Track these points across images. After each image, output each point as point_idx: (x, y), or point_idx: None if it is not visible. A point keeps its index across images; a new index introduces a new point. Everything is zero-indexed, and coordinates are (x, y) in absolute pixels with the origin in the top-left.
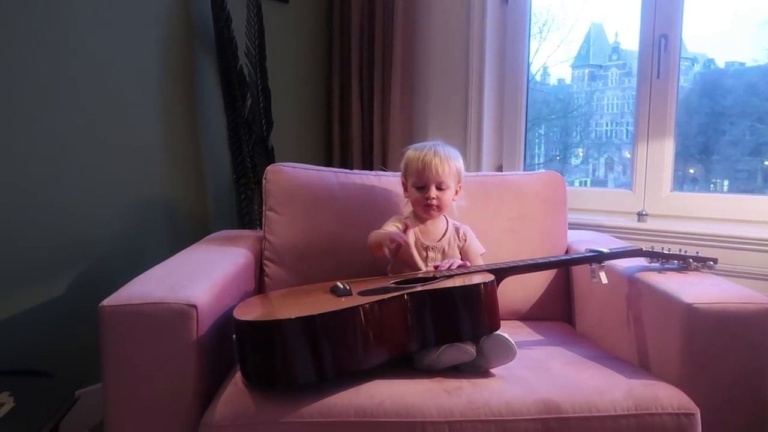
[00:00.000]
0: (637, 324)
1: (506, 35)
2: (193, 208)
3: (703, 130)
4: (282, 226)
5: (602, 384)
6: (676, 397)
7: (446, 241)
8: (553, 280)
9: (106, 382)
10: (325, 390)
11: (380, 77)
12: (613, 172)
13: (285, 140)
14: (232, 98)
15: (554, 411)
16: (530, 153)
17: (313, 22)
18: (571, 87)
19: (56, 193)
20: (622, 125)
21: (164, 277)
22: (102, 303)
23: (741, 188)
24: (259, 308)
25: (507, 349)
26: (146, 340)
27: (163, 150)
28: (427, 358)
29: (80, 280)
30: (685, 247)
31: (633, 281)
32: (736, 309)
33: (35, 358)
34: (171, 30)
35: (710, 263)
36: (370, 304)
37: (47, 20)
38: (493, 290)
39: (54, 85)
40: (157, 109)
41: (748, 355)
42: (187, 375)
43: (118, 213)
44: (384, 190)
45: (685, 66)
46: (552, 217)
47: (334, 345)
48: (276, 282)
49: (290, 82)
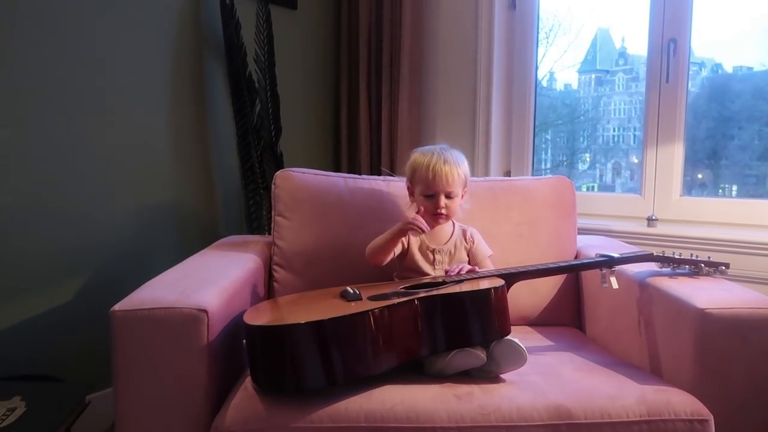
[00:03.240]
0: (649, 329)
1: (514, 41)
2: (202, 214)
3: (712, 135)
4: (291, 231)
5: (614, 390)
6: (689, 403)
7: (452, 243)
8: (563, 286)
9: (117, 387)
10: (335, 395)
11: (388, 83)
12: (621, 177)
13: (293, 146)
14: (241, 104)
15: (566, 417)
16: (537, 158)
17: (322, 28)
18: (578, 92)
19: (66, 199)
20: (629, 130)
21: (175, 282)
22: (113, 308)
23: (750, 193)
24: (269, 313)
25: (518, 354)
26: (157, 344)
27: (173, 156)
28: (438, 363)
29: (90, 285)
30: (695, 251)
31: (644, 286)
32: (748, 314)
33: (46, 363)
34: (181, 36)
35: (722, 268)
36: (380, 309)
37: (55, 28)
38: (504, 295)
39: (62, 91)
40: (166, 114)
41: (761, 360)
42: (198, 380)
43: (128, 218)
44: (392, 196)
45: (693, 70)
46: (561, 222)
47: (344, 350)
48: (285, 287)
49: (299, 88)
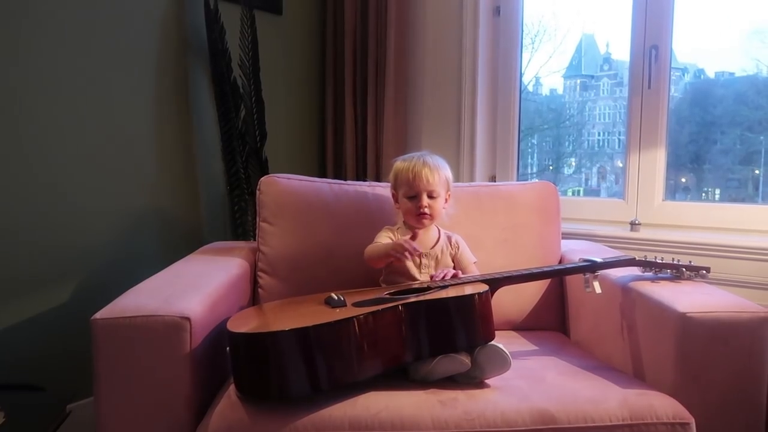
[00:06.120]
0: (631, 333)
1: (498, 46)
2: (186, 220)
3: (695, 140)
4: (276, 237)
5: (597, 394)
6: (671, 407)
7: (439, 248)
8: (547, 290)
9: (99, 396)
10: (319, 402)
11: (374, 88)
12: (606, 181)
13: (279, 151)
14: (226, 109)
15: (549, 421)
16: (523, 163)
17: (307, 33)
18: (563, 97)
19: (47, 205)
20: (614, 135)
21: (157, 290)
22: (94, 316)
23: (732, 197)
24: (253, 320)
25: (502, 359)
26: (139, 353)
27: (157, 161)
28: (422, 369)
29: (72, 292)
30: (677, 255)
31: (626, 290)
32: (729, 317)
33: (26, 372)
34: (165, 41)
35: (703, 272)
36: (364, 315)
37: (38, 34)
38: (488, 300)
39: (44, 97)
40: (150, 120)
41: (742, 363)
42: (181, 387)
43: (111, 225)
44: (378, 200)
45: (676, 76)
46: (545, 227)
47: (328, 357)
48: (270, 293)
49: (284, 94)
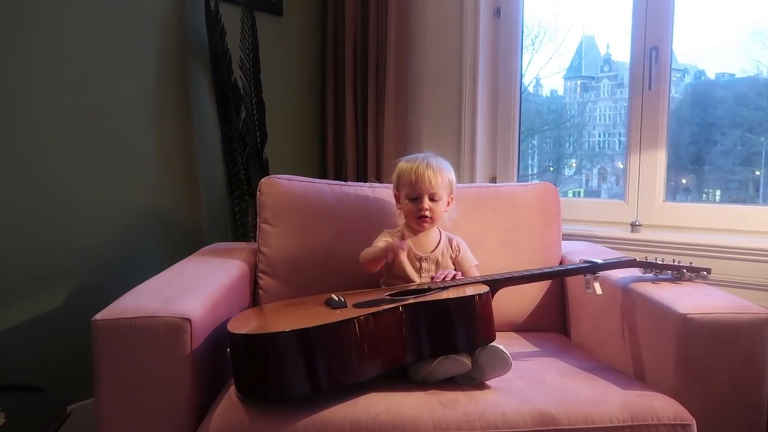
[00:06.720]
0: (632, 334)
1: (499, 48)
2: (187, 221)
3: (695, 141)
4: (276, 238)
5: (598, 395)
6: (672, 408)
7: (439, 252)
8: (548, 291)
9: (99, 397)
10: (320, 403)
11: (374, 90)
12: (606, 183)
13: (279, 152)
14: (227, 110)
15: (550, 423)
16: (524, 164)
17: (308, 34)
18: (563, 98)
19: (48, 206)
20: (614, 136)
21: (158, 290)
22: (95, 317)
23: (733, 198)
24: (253, 321)
25: (502, 360)
26: (140, 354)
27: (158, 162)
28: (423, 370)
29: (73, 292)
30: (678, 257)
31: (627, 292)
32: (729, 319)
33: (27, 373)
34: (165, 43)
35: (704, 273)
36: (365, 316)
37: (38, 34)
38: (488, 301)
39: (45, 98)
40: (151, 121)
41: (743, 364)
42: (181, 389)
43: (112, 226)
44: (378, 202)
45: (676, 77)
46: (546, 228)
47: (329, 358)
48: (270, 294)
49: (284, 95)
